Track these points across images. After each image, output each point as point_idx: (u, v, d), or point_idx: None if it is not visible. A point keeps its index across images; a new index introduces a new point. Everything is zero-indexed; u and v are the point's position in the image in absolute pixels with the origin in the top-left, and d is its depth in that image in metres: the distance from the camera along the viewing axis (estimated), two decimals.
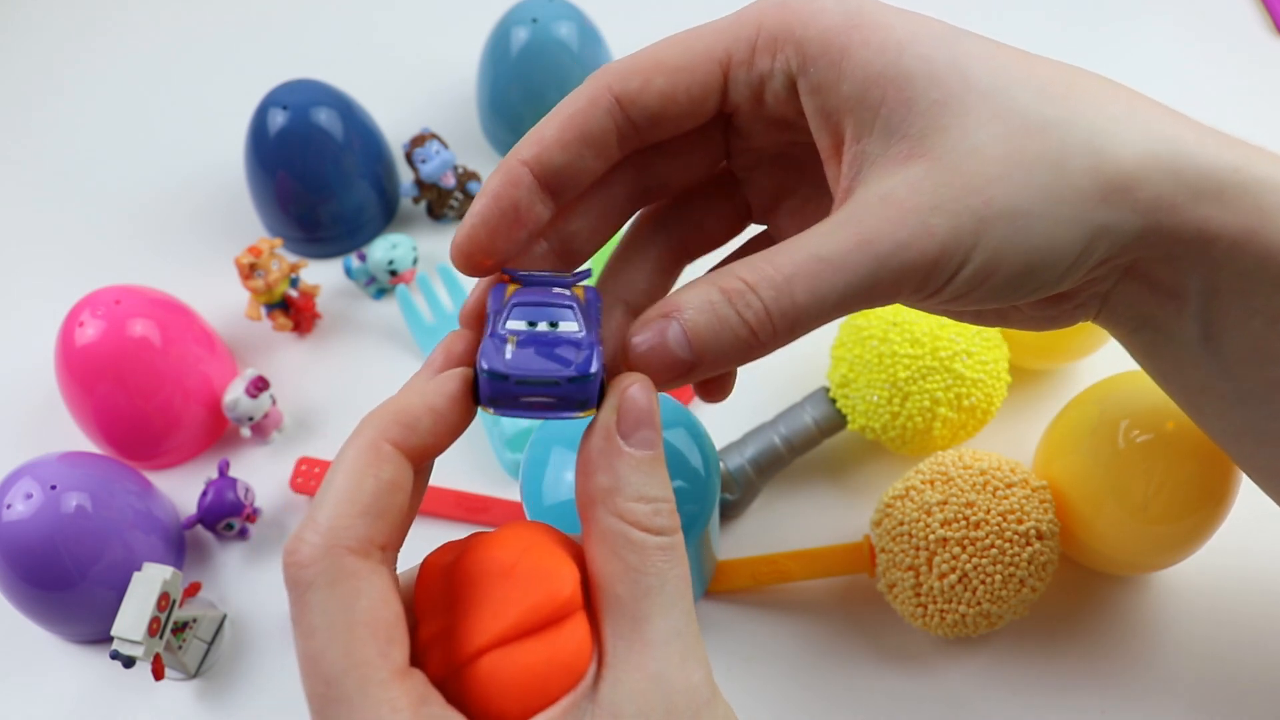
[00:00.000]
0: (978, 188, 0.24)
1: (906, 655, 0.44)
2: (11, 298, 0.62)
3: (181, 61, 0.74)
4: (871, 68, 0.25)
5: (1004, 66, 0.25)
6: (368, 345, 0.57)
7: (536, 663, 0.22)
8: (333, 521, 0.22)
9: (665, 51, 0.27)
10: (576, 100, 0.27)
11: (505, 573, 0.23)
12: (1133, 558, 0.43)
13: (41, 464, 0.45)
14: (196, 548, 0.50)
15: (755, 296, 0.24)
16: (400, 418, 0.24)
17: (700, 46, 0.27)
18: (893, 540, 0.42)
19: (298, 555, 0.22)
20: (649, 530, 0.24)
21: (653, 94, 0.26)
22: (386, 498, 0.23)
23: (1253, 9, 0.70)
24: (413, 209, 0.63)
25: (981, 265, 0.25)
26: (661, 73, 0.26)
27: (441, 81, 0.69)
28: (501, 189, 0.27)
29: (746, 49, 0.26)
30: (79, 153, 0.69)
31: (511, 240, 0.27)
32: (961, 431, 0.47)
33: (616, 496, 0.24)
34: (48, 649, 0.48)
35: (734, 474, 0.48)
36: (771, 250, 0.25)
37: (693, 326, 0.24)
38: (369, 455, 0.23)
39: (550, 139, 0.27)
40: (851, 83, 0.25)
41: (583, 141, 0.27)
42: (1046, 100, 0.25)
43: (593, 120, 0.27)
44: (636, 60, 0.27)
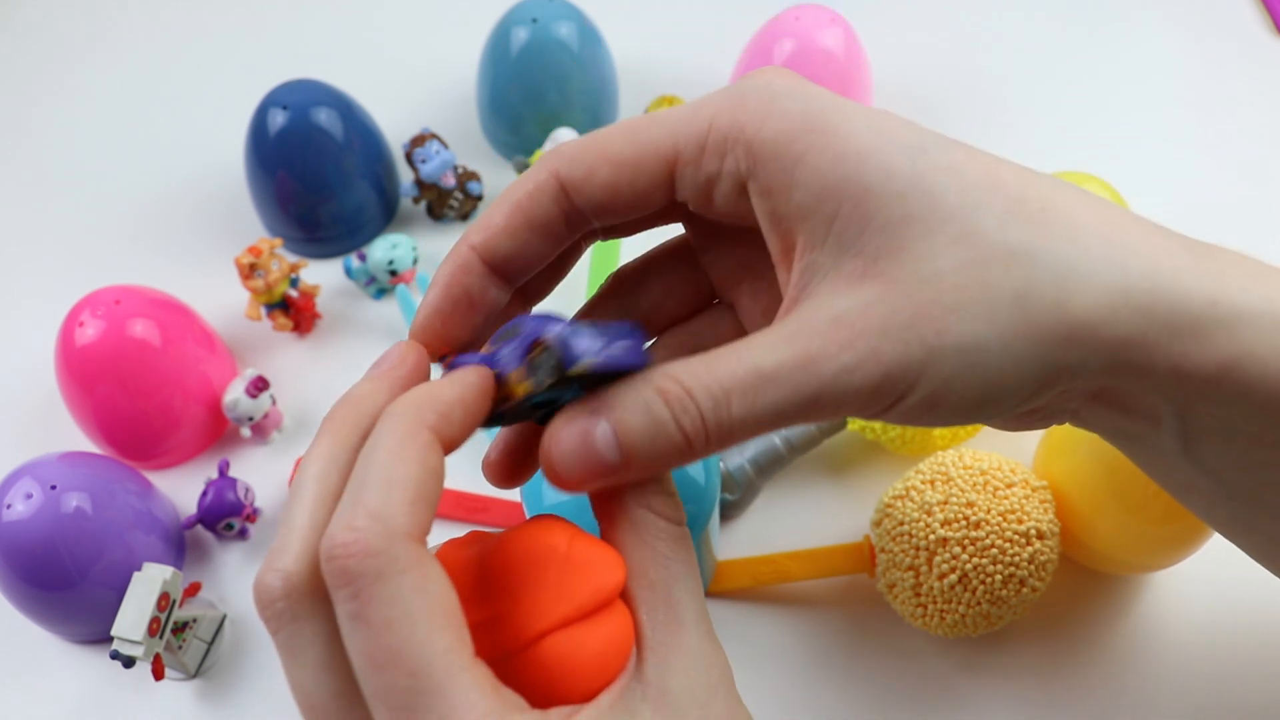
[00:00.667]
0: (932, 316, 0.23)
1: (906, 655, 0.44)
2: (11, 298, 0.62)
3: (181, 61, 0.74)
4: (827, 178, 0.24)
5: (974, 183, 0.23)
6: (368, 345, 0.57)
7: (596, 643, 0.23)
8: (388, 508, 0.21)
9: (613, 142, 0.26)
10: (524, 185, 0.27)
11: (559, 559, 0.24)
12: (1133, 558, 0.43)
13: (41, 464, 0.45)
14: (196, 548, 0.50)
15: (693, 403, 0.23)
16: (437, 405, 0.23)
17: (648, 140, 0.26)
18: (893, 540, 0.42)
19: (355, 545, 0.20)
20: (672, 520, 0.26)
21: (596, 185, 0.26)
22: (432, 485, 0.22)
23: (1253, 9, 0.71)
24: (413, 209, 0.63)
25: (929, 394, 0.24)
26: (606, 164, 0.26)
27: (441, 81, 0.69)
28: (451, 277, 0.27)
29: (695, 148, 0.25)
30: (79, 153, 0.69)
31: (467, 326, 0.27)
32: (961, 431, 0.47)
33: (644, 490, 0.25)
34: (48, 649, 0.48)
35: (734, 474, 0.48)
36: (711, 356, 0.24)
37: (624, 428, 0.23)
38: (413, 441, 0.22)
39: (497, 226, 0.26)
40: (804, 191, 0.24)
41: (529, 228, 0.26)
42: (1016, 224, 0.23)
43: (539, 207, 0.26)
44: (585, 147, 0.26)
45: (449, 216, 0.61)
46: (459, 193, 0.60)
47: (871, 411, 0.24)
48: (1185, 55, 0.68)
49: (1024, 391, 0.24)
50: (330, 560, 0.21)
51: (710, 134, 0.25)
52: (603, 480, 0.24)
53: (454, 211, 0.61)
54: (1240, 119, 0.64)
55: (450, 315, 0.27)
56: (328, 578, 0.21)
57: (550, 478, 0.24)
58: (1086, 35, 0.69)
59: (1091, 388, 0.25)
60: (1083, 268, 0.23)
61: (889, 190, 0.23)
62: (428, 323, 0.27)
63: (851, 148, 0.24)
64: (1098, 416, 0.27)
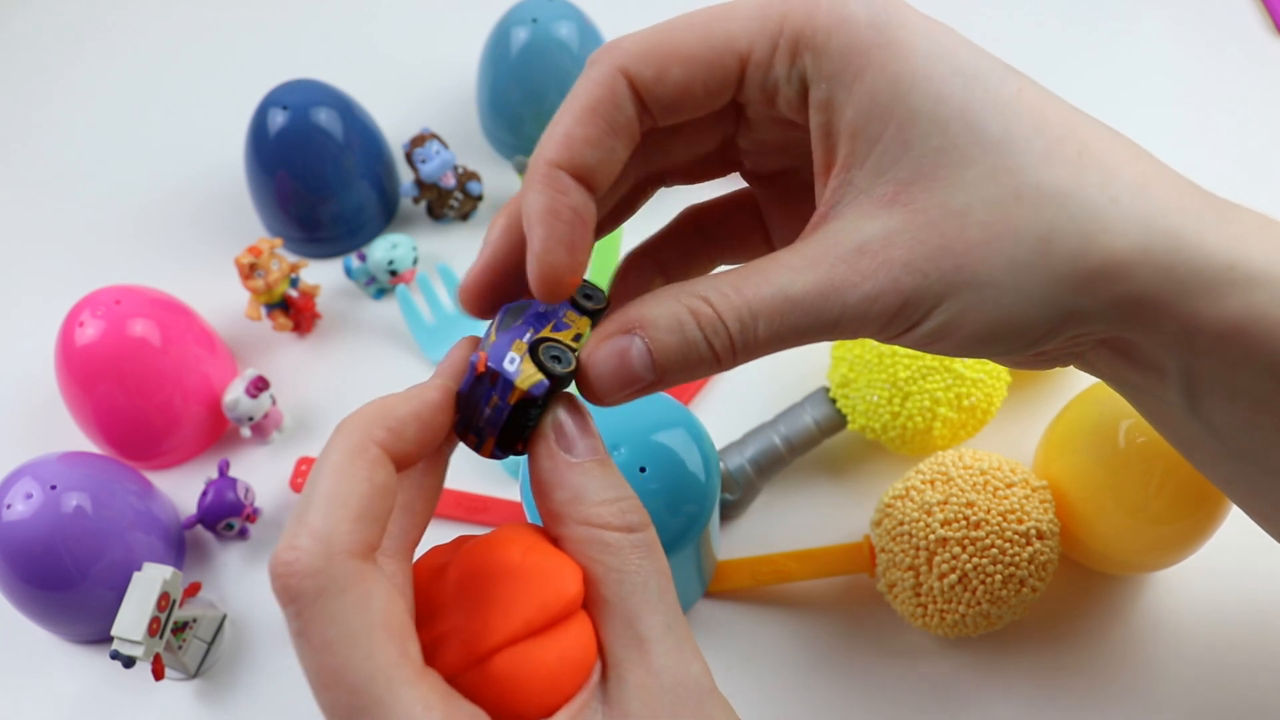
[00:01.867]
0: (954, 250, 0.23)
1: (906, 655, 0.44)
2: (11, 298, 0.62)
3: (181, 61, 0.74)
4: (879, 98, 0.24)
5: (1018, 116, 0.24)
6: (368, 345, 0.57)
7: (550, 659, 0.23)
8: (330, 527, 0.21)
9: (683, 37, 0.25)
10: (594, 90, 0.25)
11: (511, 572, 0.24)
12: (1133, 558, 0.43)
13: (41, 464, 0.45)
14: (196, 548, 0.50)
15: (723, 325, 0.24)
16: (387, 420, 0.23)
17: (722, 37, 0.25)
18: (893, 540, 0.42)
19: (296, 565, 0.21)
20: (620, 529, 0.24)
21: (669, 85, 0.25)
22: (380, 501, 0.22)
23: (1253, 9, 0.70)
24: (413, 209, 0.63)
25: (942, 324, 0.24)
26: (678, 62, 0.25)
27: (441, 81, 0.69)
28: (556, 203, 0.25)
29: (768, 47, 0.25)
30: (79, 153, 0.69)
31: (586, 249, 0.25)
32: (961, 431, 0.47)
33: (579, 505, 0.24)
34: (48, 649, 0.48)
35: (734, 474, 0.48)
36: (740, 274, 0.24)
37: (659, 346, 0.24)
38: (358, 458, 0.22)
39: (578, 137, 0.25)
40: (857, 110, 0.24)
41: (612, 134, 0.25)
42: (1053, 165, 0.23)
43: (618, 110, 0.25)
44: (651, 42, 0.25)
45: (449, 216, 0.61)
46: (459, 193, 0.60)
47: (886, 335, 0.25)
48: (1185, 55, 0.68)
49: (1034, 332, 0.24)
50: (274, 579, 0.21)
51: (783, 35, 0.24)
52: (637, 393, 0.25)
53: (454, 211, 0.61)
54: (1240, 119, 0.64)
55: (574, 243, 0.25)
56: (275, 595, 0.21)
57: (585, 394, 0.25)
58: (1086, 35, 0.69)
59: (1101, 334, 0.25)
60: (1110, 217, 0.23)
61: (935, 117, 0.23)
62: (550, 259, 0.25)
63: (908, 69, 0.23)
64: (1105, 363, 0.28)
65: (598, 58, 0.25)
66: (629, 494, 0.25)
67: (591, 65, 0.25)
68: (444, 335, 0.56)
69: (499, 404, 0.24)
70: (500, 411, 0.25)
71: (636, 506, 0.25)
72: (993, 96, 0.24)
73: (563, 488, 0.25)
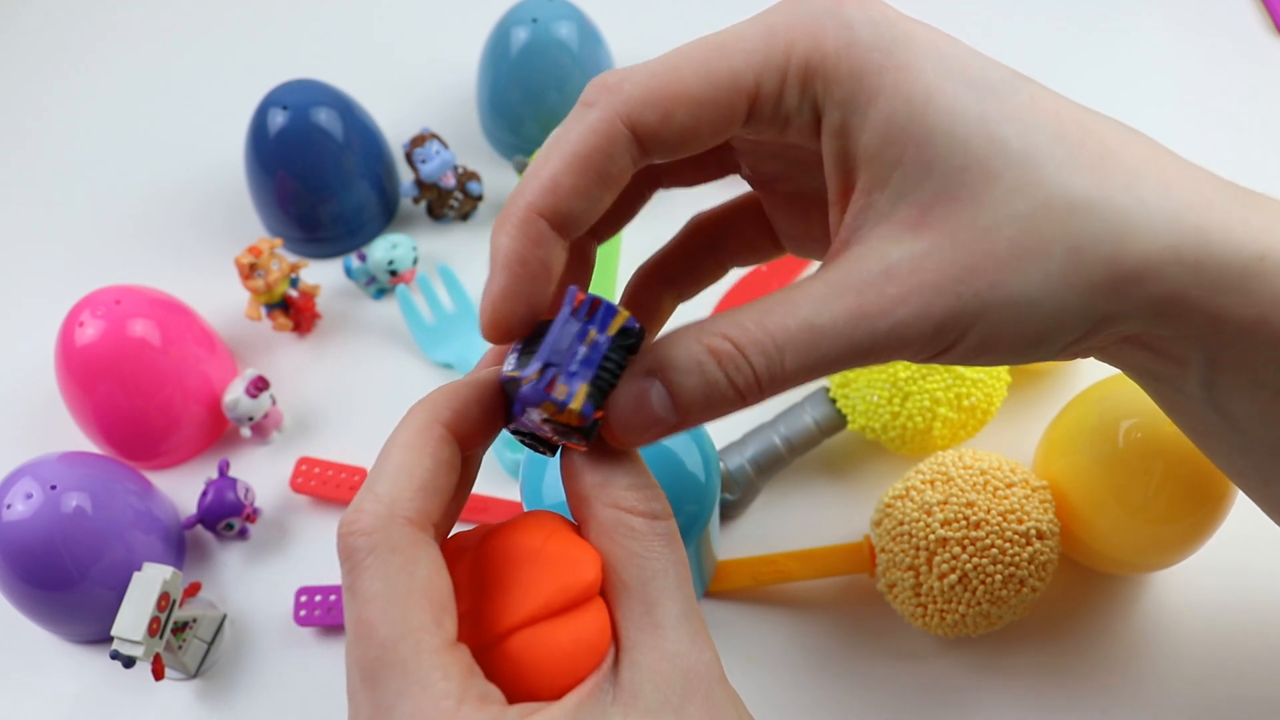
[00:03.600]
0: (985, 269, 0.23)
1: (906, 655, 0.44)
2: (11, 298, 0.62)
3: (181, 61, 0.74)
4: (895, 121, 0.23)
5: (1036, 126, 0.23)
6: (368, 345, 0.57)
7: (565, 641, 0.23)
8: (393, 493, 0.23)
9: (685, 76, 0.24)
10: (590, 138, 0.24)
11: (533, 556, 0.24)
12: (1133, 558, 0.43)
13: (41, 464, 0.45)
14: (196, 548, 0.50)
15: (745, 361, 0.24)
16: (453, 403, 0.24)
17: (726, 76, 0.24)
18: (893, 540, 0.42)
19: (358, 524, 0.22)
20: (645, 515, 0.25)
21: (673, 129, 0.24)
22: (443, 476, 0.24)
23: (1253, 9, 0.70)
24: (413, 209, 0.63)
25: (979, 341, 0.24)
26: (683, 105, 0.24)
27: (441, 81, 0.69)
28: (524, 253, 0.24)
29: (776, 80, 0.24)
30: (79, 153, 0.69)
31: (544, 298, 0.25)
32: (961, 431, 0.47)
33: (609, 488, 0.25)
34: (48, 649, 0.48)
35: (734, 474, 0.48)
36: (761, 308, 0.24)
37: (678, 389, 0.24)
38: (425, 434, 0.24)
39: (566, 186, 0.24)
40: (873, 134, 0.23)
41: (601, 184, 0.24)
42: (1076, 172, 0.23)
43: (611, 161, 0.24)
44: (653, 86, 0.24)
45: (449, 216, 0.61)
46: (459, 193, 0.60)
47: (924, 357, 0.25)
48: (1185, 55, 0.68)
49: (1070, 335, 0.25)
50: (339, 539, 0.23)
51: (790, 65, 0.24)
52: (663, 434, 0.25)
53: (454, 211, 0.61)
54: (1240, 119, 0.64)
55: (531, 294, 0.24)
56: (338, 554, 0.23)
57: (610, 438, 0.25)
58: (1086, 35, 0.69)
59: (1129, 332, 0.26)
60: (1138, 220, 0.23)
61: (954, 134, 0.23)
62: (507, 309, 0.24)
63: (920, 88, 0.23)
64: (1126, 355, 0.28)
65: (595, 99, 0.24)
66: (654, 484, 0.25)
67: (588, 108, 0.24)
68: (444, 335, 0.56)
69: (597, 339, 0.24)
70: (597, 349, 0.24)
71: (661, 497, 0.25)
72: (1008, 107, 0.23)
73: (593, 471, 0.25)
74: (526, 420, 0.25)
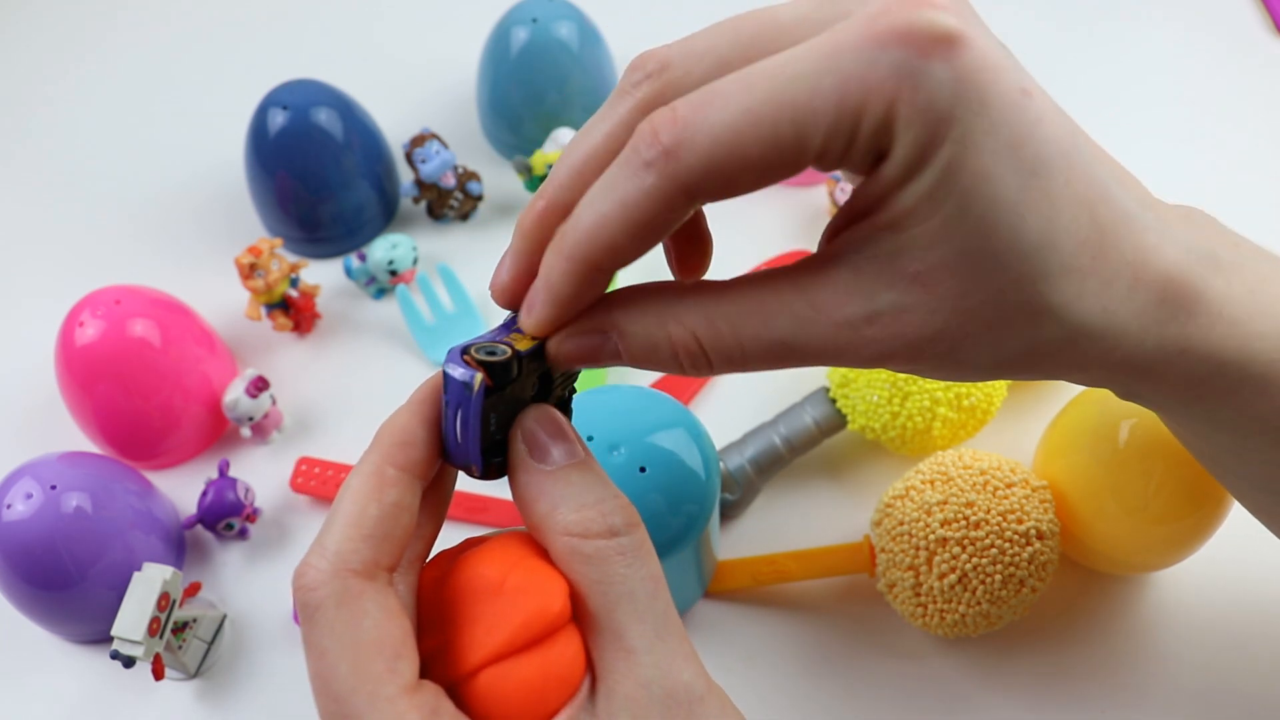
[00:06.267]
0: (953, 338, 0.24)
1: (906, 655, 0.44)
2: (11, 298, 0.62)
3: (181, 61, 0.74)
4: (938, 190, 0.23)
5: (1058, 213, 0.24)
6: (368, 345, 0.57)
7: (532, 677, 0.23)
8: (339, 546, 0.23)
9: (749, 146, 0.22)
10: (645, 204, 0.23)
11: (495, 590, 0.24)
12: (1133, 558, 0.43)
13: (41, 464, 0.45)
14: (196, 548, 0.50)
15: (705, 359, 0.25)
16: (399, 436, 0.24)
17: (792, 140, 0.22)
18: (893, 540, 0.42)
19: (305, 579, 0.23)
20: (600, 535, 0.24)
21: (736, 191, 0.23)
22: (390, 521, 0.24)
23: (1253, 9, 0.70)
24: (413, 209, 0.63)
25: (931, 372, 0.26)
26: (747, 173, 0.23)
27: (441, 81, 0.69)
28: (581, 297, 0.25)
29: (844, 140, 0.23)
30: (79, 153, 0.69)
31: None
32: (961, 431, 0.47)
33: (557, 515, 0.24)
34: (48, 649, 0.48)
35: (734, 474, 0.48)
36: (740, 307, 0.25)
37: (631, 351, 0.25)
38: (372, 479, 0.24)
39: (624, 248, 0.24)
40: (912, 195, 0.23)
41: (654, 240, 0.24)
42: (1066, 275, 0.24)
43: (667, 223, 0.24)
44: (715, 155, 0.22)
45: (449, 216, 0.61)
46: (459, 193, 0.60)
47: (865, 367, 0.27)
48: (1185, 55, 0.68)
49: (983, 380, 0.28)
50: (293, 591, 0.23)
51: (863, 125, 0.22)
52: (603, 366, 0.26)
53: (454, 211, 0.61)
54: (1240, 119, 0.64)
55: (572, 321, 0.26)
56: None
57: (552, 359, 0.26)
58: (1086, 35, 0.69)
59: None
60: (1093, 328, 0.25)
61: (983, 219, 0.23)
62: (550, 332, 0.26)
63: (970, 167, 0.23)
64: None
65: (653, 161, 0.23)
66: (611, 495, 0.25)
67: (646, 170, 0.23)
68: (444, 335, 0.56)
69: (448, 409, 0.25)
70: (452, 419, 0.24)
71: (620, 507, 0.25)
72: (1044, 194, 0.23)
73: (540, 499, 0.25)
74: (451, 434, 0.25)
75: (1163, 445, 0.40)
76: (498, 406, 0.25)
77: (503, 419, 0.25)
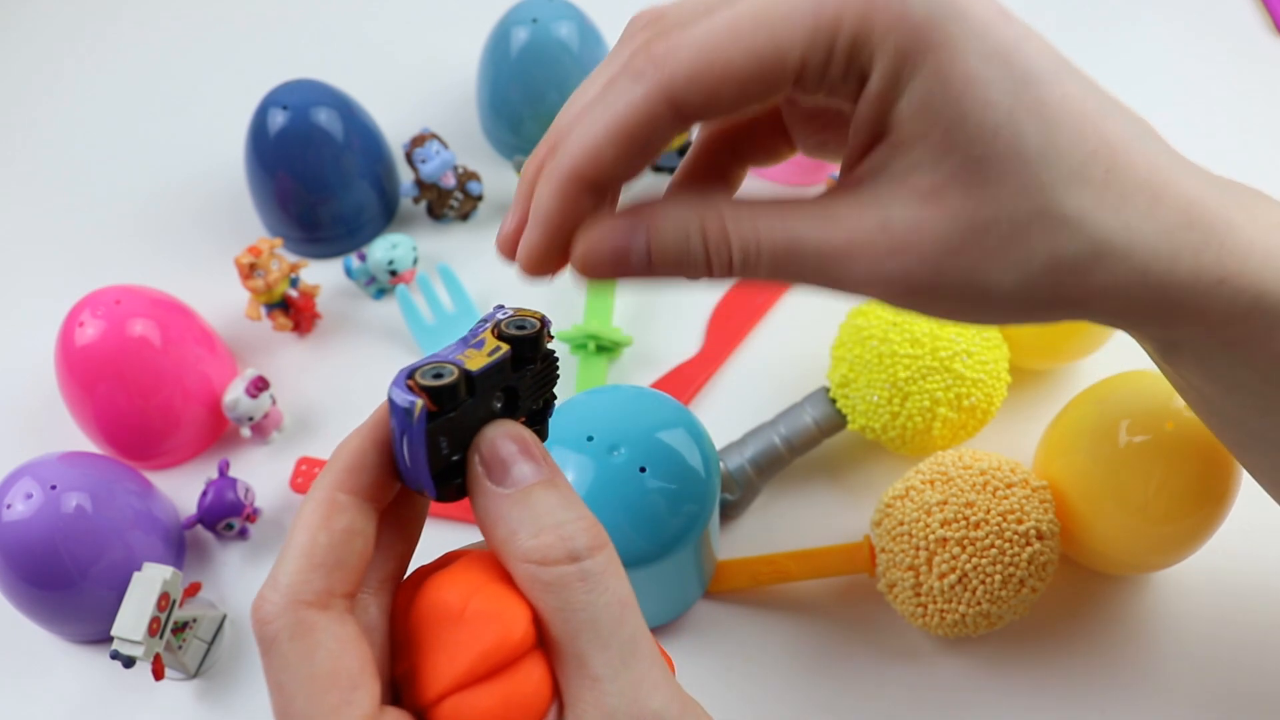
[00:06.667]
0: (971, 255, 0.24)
1: (906, 655, 0.44)
2: (11, 298, 0.62)
3: (181, 61, 0.74)
4: (930, 100, 0.24)
5: (1059, 124, 0.24)
6: (368, 345, 0.57)
7: (494, 707, 0.22)
8: (290, 578, 0.23)
9: (731, 54, 0.24)
10: (634, 114, 0.24)
11: (456, 616, 0.23)
12: (1133, 558, 0.43)
13: (41, 464, 0.45)
14: (196, 548, 0.50)
15: (726, 246, 0.25)
16: (350, 460, 0.24)
17: (771, 51, 0.24)
18: (893, 540, 0.42)
19: (260, 612, 0.22)
20: (560, 561, 0.23)
21: (715, 106, 0.24)
22: (341, 548, 0.23)
23: (1253, 9, 0.70)
24: (413, 209, 0.63)
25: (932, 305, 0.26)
26: (728, 84, 0.24)
27: (441, 81, 0.69)
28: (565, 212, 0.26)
29: (822, 56, 0.24)
30: (79, 153, 0.69)
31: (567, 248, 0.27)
32: (961, 431, 0.47)
33: (515, 541, 0.23)
34: (48, 649, 0.48)
35: (734, 474, 0.48)
36: (757, 207, 0.25)
37: (659, 245, 0.25)
38: (321, 508, 0.23)
39: (609, 158, 0.25)
40: (907, 107, 0.24)
41: (642, 155, 0.25)
42: (1079, 184, 0.24)
43: (653, 134, 0.25)
44: (701, 63, 0.24)
45: (449, 216, 0.61)
46: (459, 193, 0.60)
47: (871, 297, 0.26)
48: (1185, 55, 0.68)
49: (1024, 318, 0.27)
50: (252, 625, 0.23)
51: (838, 41, 0.24)
52: (622, 275, 0.26)
53: (454, 211, 0.61)
54: (1240, 119, 0.64)
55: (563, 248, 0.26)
56: None
57: (577, 266, 0.26)
58: (1086, 35, 0.69)
59: None
60: (1118, 243, 0.25)
61: (982, 124, 0.24)
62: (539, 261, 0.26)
63: (960, 71, 0.23)
64: None
65: (641, 70, 0.24)
66: (574, 516, 0.24)
67: (635, 79, 0.24)
68: (444, 335, 0.56)
69: (394, 434, 0.24)
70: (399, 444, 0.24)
71: (584, 529, 0.23)
72: (1040, 103, 0.24)
73: (499, 524, 0.24)
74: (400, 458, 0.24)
75: (1163, 445, 0.40)
76: (448, 429, 0.24)
77: (459, 439, 0.24)
